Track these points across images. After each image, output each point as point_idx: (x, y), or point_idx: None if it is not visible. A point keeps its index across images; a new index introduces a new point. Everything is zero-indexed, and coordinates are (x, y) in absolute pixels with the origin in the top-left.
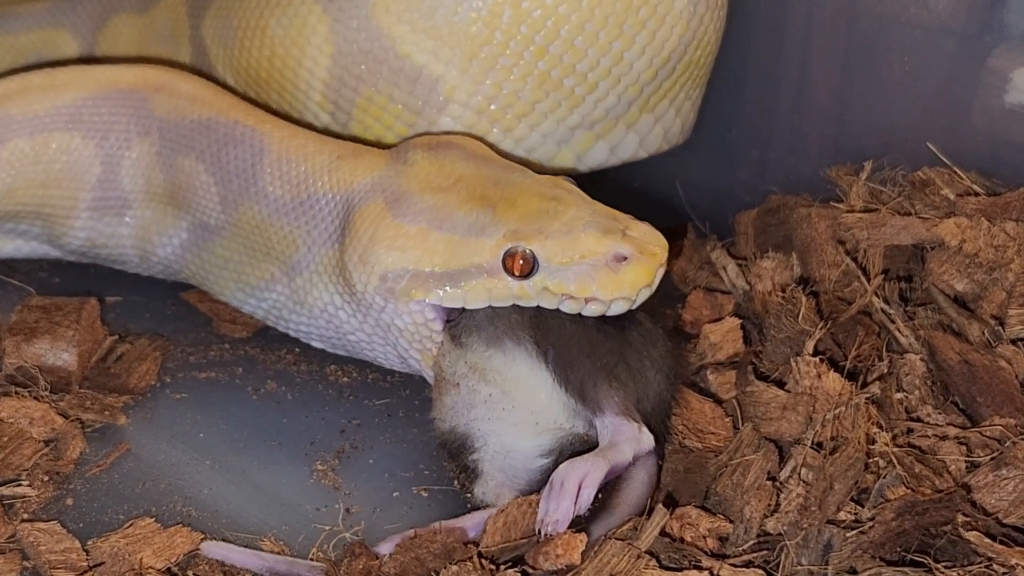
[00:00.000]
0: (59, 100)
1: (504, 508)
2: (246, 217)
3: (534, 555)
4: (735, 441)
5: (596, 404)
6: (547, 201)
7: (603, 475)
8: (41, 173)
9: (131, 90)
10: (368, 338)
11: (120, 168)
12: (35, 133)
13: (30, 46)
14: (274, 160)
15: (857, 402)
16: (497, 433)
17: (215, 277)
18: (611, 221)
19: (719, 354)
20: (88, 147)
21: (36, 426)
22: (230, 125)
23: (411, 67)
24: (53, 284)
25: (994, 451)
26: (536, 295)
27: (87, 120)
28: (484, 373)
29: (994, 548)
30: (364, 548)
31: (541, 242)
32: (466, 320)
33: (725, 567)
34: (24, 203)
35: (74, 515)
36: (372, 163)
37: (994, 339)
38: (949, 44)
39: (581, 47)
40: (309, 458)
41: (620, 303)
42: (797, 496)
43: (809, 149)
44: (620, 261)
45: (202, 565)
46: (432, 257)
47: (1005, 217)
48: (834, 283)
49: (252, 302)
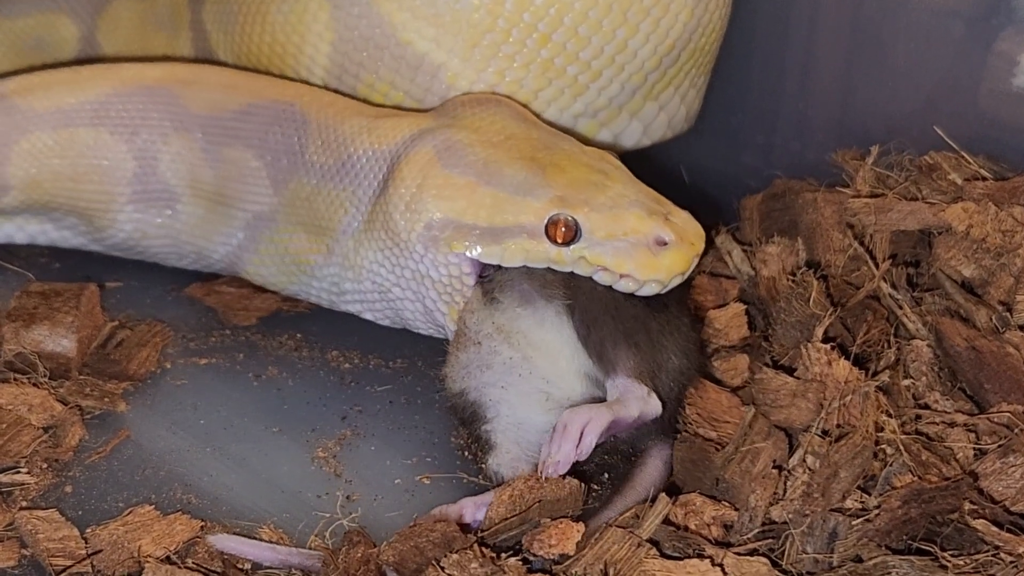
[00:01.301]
0: (84, 96)
1: (511, 482)
2: (296, 193)
3: (529, 540)
4: (743, 428)
5: (611, 363)
6: (595, 173)
7: (605, 423)
8: (68, 167)
9: (158, 86)
10: (402, 292)
11: (158, 163)
12: (58, 127)
13: (29, 30)
14: (315, 129)
15: (867, 390)
16: (508, 402)
17: (276, 269)
18: (655, 204)
19: (724, 339)
20: (117, 143)
21: (35, 413)
22: (269, 106)
23: (413, 55)
24: (53, 270)
25: (1002, 438)
26: (572, 263)
27: (114, 116)
28: (509, 335)
29: (1001, 536)
30: (362, 536)
31: (586, 213)
32: (501, 276)
33: (729, 555)
34: (53, 195)
35: (73, 502)
36: (416, 119)
37: (1002, 325)
38: (956, 27)
39: (585, 35)
40: (310, 445)
41: (652, 285)
42: (803, 484)
43: (815, 134)
44: (660, 245)
45: (201, 554)
46: (478, 211)
47: (1013, 202)
48: (841, 268)
49: (315, 284)
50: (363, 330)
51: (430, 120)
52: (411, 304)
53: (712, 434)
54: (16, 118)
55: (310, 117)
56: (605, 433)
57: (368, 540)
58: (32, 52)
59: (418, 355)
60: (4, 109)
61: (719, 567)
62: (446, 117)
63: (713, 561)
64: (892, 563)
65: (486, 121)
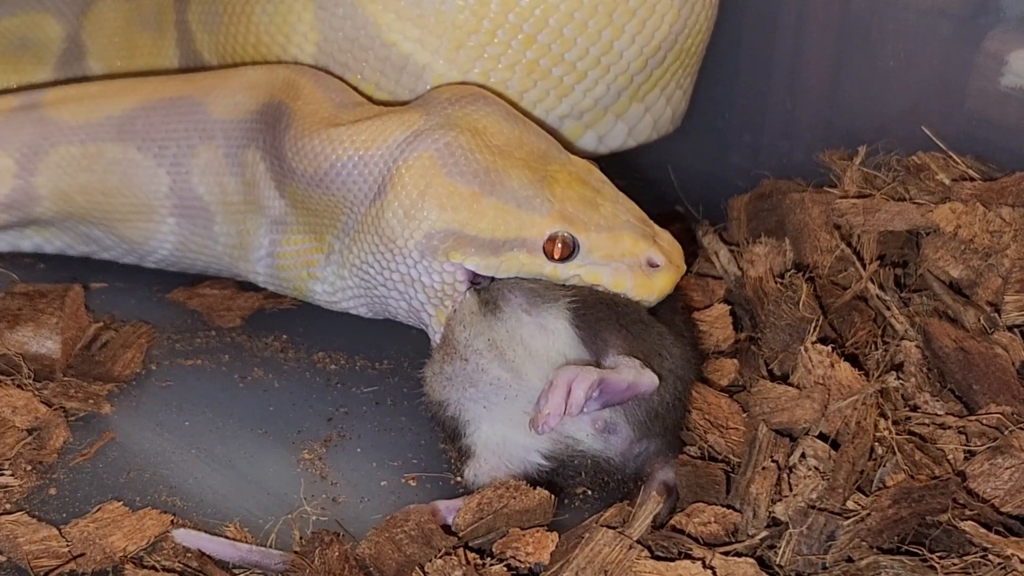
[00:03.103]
0: (110, 111)
1: (481, 489)
2: (292, 195)
3: (501, 548)
4: (747, 438)
5: (605, 343)
6: (589, 189)
7: (594, 380)
8: (97, 182)
9: (180, 97)
10: (388, 292)
11: (191, 176)
12: (86, 142)
13: (14, 30)
14: (293, 136)
15: (869, 392)
16: (490, 421)
17: (294, 277)
18: (643, 225)
19: (710, 341)
20: (146, 158)
21: (19, 415)
22: (275, 106)
23: (398, 55)
24: (37, 271)
25: (991, 439)
26: (566, 278)
27: (140, 131)
28: (505, 350)
29: (989, 538)
30: (333, 535)
31: (587, 233)
32: (499, 283)
33: (717, 557)
34: (87, 208)
35: (57, 505)
36: (403, 118)
37: (990, 326)
38: (944, 27)
39: (570, 36)
40: (296, 447)
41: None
42: (806, 487)
43: (802, 133)
44: (652, 267)
45: (167, 550)
46: (480, 222)
47: (1001, 202)
48: (828, 269)
49: (318, 288)
50: (349, 331)
51: (419, 117)
52: (395, 302)
53: (720, 441)
54: (48, 128)
55: (291, 122)
56: (601, 398)
57: (339, 538)
58: (17, 51)
59: (404, 356)
60: (36, 119)
61: (710, 569)
62: (437, 115)
63: (703, 563)
64: (884, 563)
65: (482, 122)
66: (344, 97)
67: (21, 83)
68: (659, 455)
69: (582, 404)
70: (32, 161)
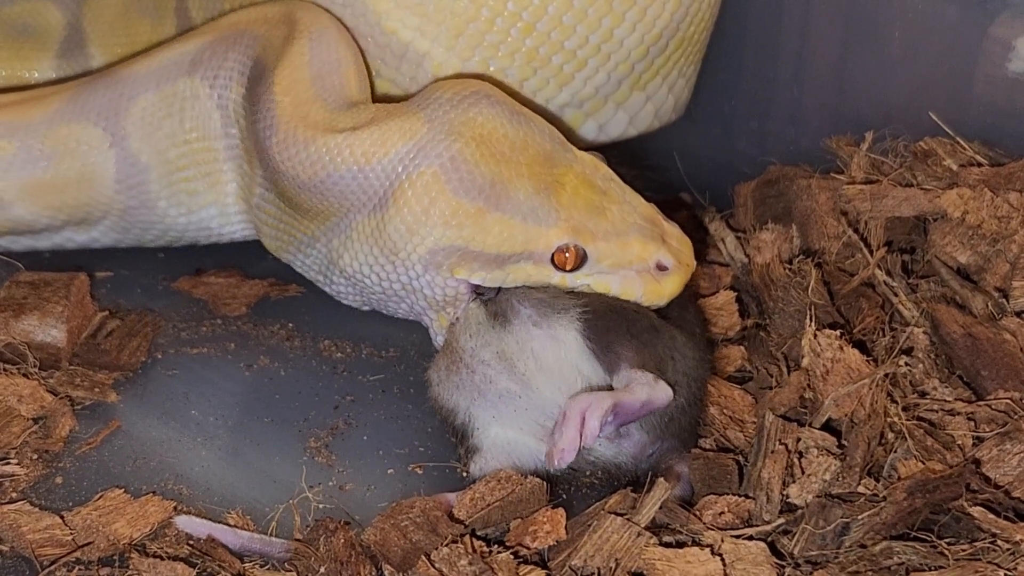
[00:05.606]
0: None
1: (472, 486)
2: (276, 185)
3: (519, 535)
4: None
5: (616, 358)
6: (596, 192)
7: (607, 407)
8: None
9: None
10: (386, 298)
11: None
12: (161, 84)
13: (16, 17)
14: (281, 139)
15: (877, 377)
16: (500, 426)
17: (272, 231)
18: (651, 225)
19: (716, 327)
20: (204, 88)
21: (25, 404)
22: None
23: (397, 44)
24: (42, 259)
25: (1000, 425)
26: (575, 287)
27: (205, 62)
28: (515, 363)
29: (999, 524)
30: (338, 523)
31: (595, 243)
32: (507, 294)
33: (727, 542)
34: (174, 155)
35: (63, 494)
36: (403, 127)
37: (998, 312)
38: (950, 12)
39: (570, 24)
40: (302, 435)
41: (652, 306)
42: (816, 467)
43: (809, 119)
44: (661, 270)
45: (171, 537)
46: (486, 238)
47: (1008, 188)
48: (835, 255)
49: (300, 258)
50: (355, 319)
51: (421, 125)
52: (394, 304)
53: (740, 436)
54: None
55: (278, 124)
56: (615, 420)
57: (344, 525)
58: (19, 38)
59: (411, 344)
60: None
61: (719, 556)
62: (439, 122)
63: (712, 550)
64: (897, 548)
65: (485, 127)
66: (335, 91)
67: (23, 69)
68: (673, 452)
69: (597, 433)
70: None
